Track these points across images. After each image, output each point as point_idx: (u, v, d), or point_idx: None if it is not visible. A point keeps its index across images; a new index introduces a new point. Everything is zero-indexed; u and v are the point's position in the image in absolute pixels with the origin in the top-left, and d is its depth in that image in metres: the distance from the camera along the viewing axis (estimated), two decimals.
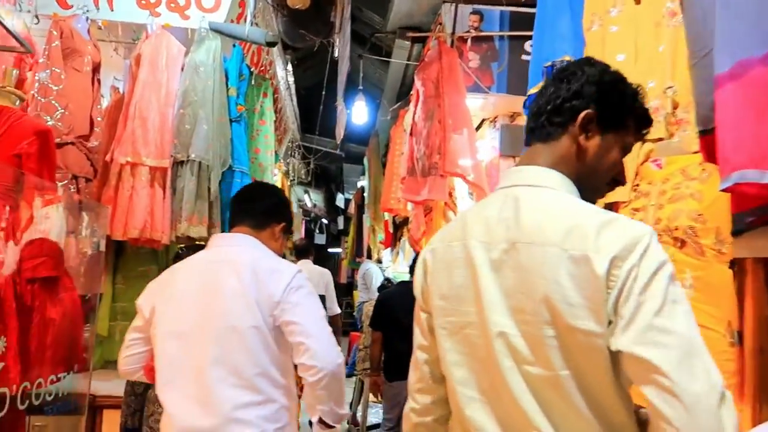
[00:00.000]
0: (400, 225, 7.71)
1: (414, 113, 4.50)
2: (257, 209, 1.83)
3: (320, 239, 14.34)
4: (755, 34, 1.23)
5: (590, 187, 1.09)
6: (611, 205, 1.89)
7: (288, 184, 8.53)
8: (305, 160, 10.16)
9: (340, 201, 14.16)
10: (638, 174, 1.89)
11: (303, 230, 12.26)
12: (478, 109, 4.72)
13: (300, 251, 6.16)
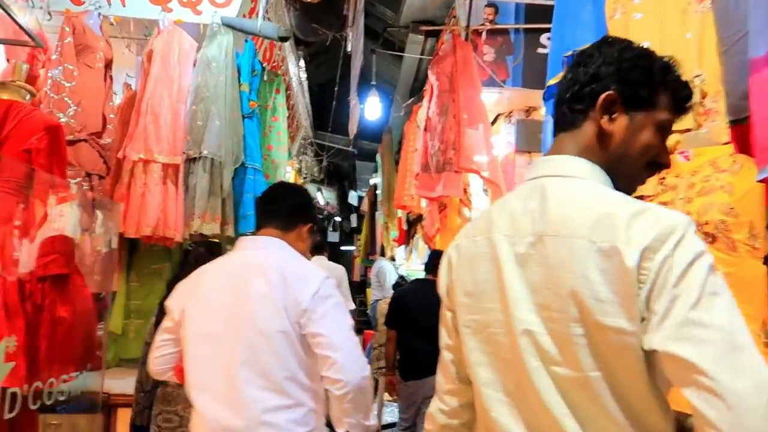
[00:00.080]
0: (414, 222, 7.66)
1: (428, 108, 4.44)
2: (282, 210, 1.82)
3: (333, 237, 14.34)
4: None
5: (624, 174, 1.03)
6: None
7: (301, 182, 8.52)
8: (318, 158, 10.15)
9: (353, 198, 14.14)
10: None
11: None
12: (493, 104, 4.66)
13: (314, 248, 6.13)
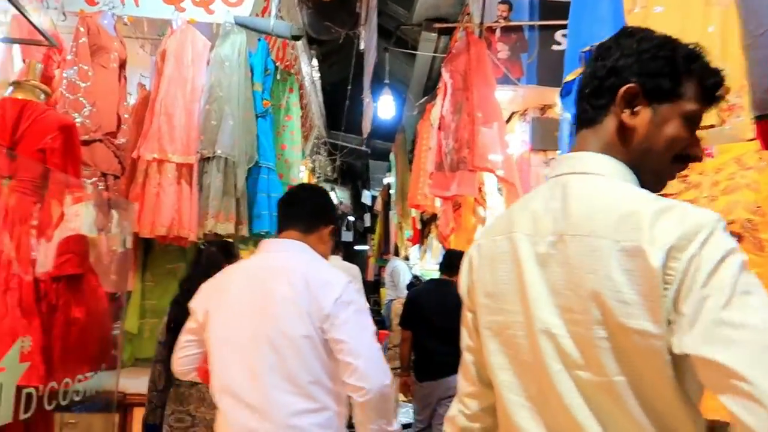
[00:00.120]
0: (428, 221, 7.63)
1: (442, 107, 4.41)
2: (304, 212, 1.82)
3: (347, 237, 14.34)
4: None
5: (651, 170, 0.99)
6: None
7: (314, 181, 8.53)
8: (331, 157, 10.15)
9: (367, 198, 14.13)
10: None
11: None
12: (508, 102, 4.62)
13: None
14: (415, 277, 7.45)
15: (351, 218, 14.97)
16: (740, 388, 0.72)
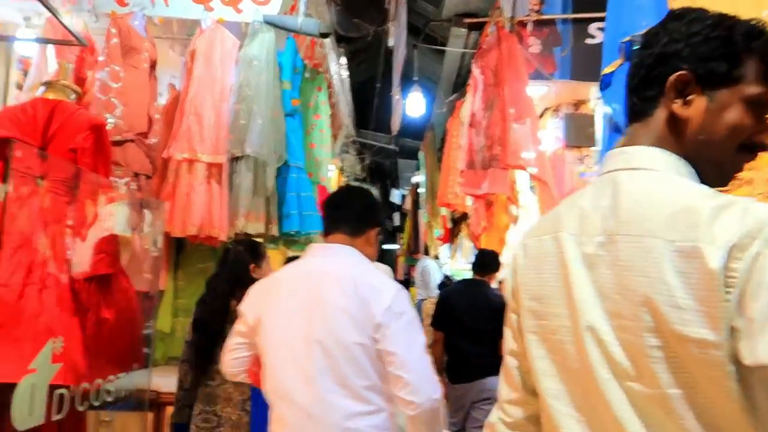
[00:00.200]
0: (459, 220, 7.56)
1: (472, 103, 4.34)
2: (351, 215, 1.80)
3: None
4: None
5: (711, 163, 0.92)
6: None
7: (343, 181, 8.52)
8: (360, 156, 10.14)
9: (395, 197, 14.11)
10: None
11: None
12: (540, 98, 4.52)
13: None
14: (446, 277, 7.38)
15: None
16: None
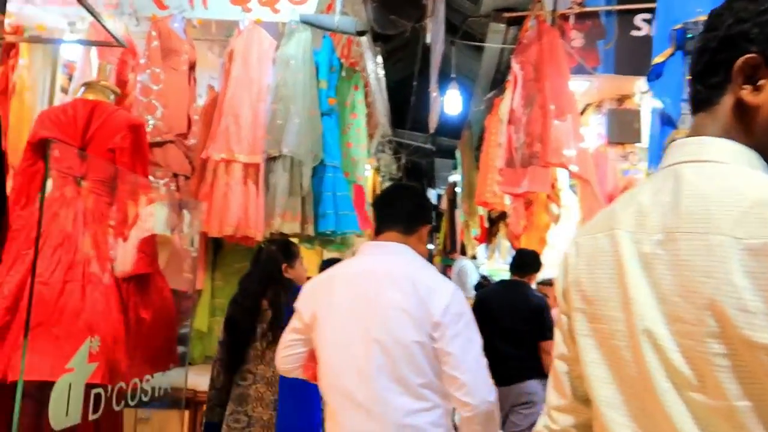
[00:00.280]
0: (496, 220, 7.44)
1: (512, 100, 4.24)
2: (403, 213, 1.80)
3: None
4: None
5: None
6: None
7: (379, 181, 8.50)
8: (396, 155, 10.11)
9: (432, 196, 14.03)
10: None
11: None
12: (581, 94, 4.39)
13: None
14: (484, 278, 7.28)
15: None
16: None
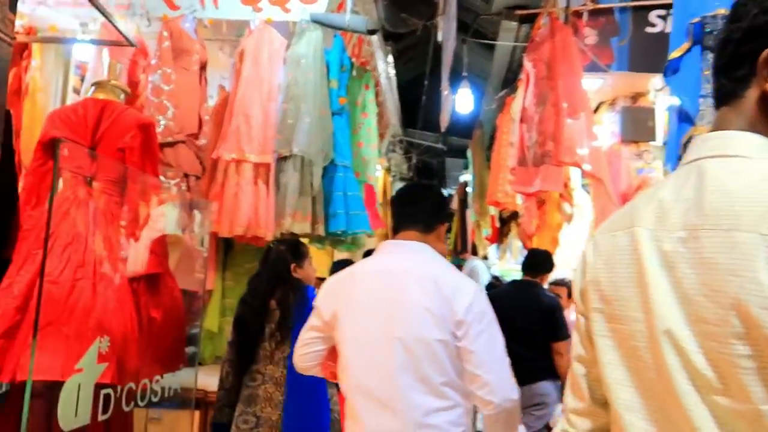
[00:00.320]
0: (508, 220, 7.39)
1: (524, 98, 4.20)
2: (422, 212, 1.81)
3: None
4: None
5: None
6: None
7: (390, 180, 8.47)
8: (407, 155, 10.08)
9: None
10: None
11: None
12: (594, 92, 4.34)
13: None
14: (495, 278, 7.24)
15: None
16: None
